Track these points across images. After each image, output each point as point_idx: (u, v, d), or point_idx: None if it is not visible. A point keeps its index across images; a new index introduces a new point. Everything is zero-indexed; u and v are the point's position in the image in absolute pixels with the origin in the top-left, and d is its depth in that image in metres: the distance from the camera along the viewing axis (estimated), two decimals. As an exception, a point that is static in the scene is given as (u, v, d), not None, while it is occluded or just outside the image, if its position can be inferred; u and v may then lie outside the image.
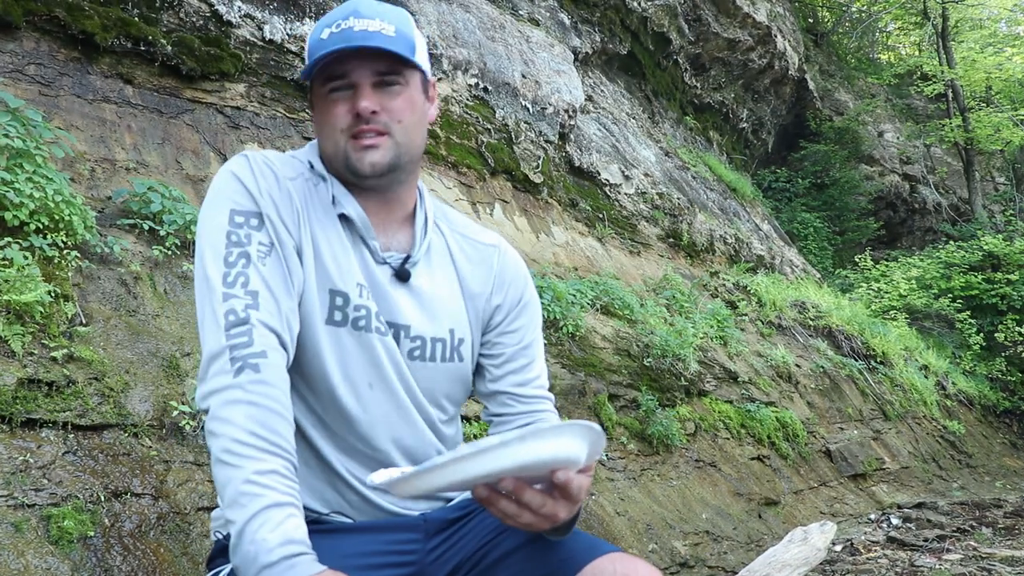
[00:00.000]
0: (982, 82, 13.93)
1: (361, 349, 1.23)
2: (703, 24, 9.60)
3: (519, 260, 1.44)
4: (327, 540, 1.20)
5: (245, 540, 0.99)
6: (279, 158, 1.27)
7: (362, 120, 1.20)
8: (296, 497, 1.05)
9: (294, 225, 1.21)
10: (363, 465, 1.26)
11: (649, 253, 7.00)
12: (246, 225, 1.18)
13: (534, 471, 0.98)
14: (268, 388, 1.08)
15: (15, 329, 2.13)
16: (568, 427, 0.95)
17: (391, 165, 1.23)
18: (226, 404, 1.07)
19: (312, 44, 1.24)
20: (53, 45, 3.18)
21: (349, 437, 1.25)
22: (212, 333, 1.12)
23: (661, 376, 4.69)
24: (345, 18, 1.21)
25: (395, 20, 1.23)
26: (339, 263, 1.23)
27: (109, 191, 3.05)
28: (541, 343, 1.43)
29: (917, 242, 14.62)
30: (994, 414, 9.81)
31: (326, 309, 1.21)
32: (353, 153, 1.21)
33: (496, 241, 1.42)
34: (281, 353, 1.13)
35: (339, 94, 1.22)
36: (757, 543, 4.17)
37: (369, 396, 1.24)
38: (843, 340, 7.90)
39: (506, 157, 5.48)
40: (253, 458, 1.03)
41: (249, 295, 1.13)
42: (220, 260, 1.15)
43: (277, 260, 1.18)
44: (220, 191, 1.21)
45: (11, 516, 1.79)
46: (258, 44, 3.89)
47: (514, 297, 1.39)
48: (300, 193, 1.24)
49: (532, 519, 1.02)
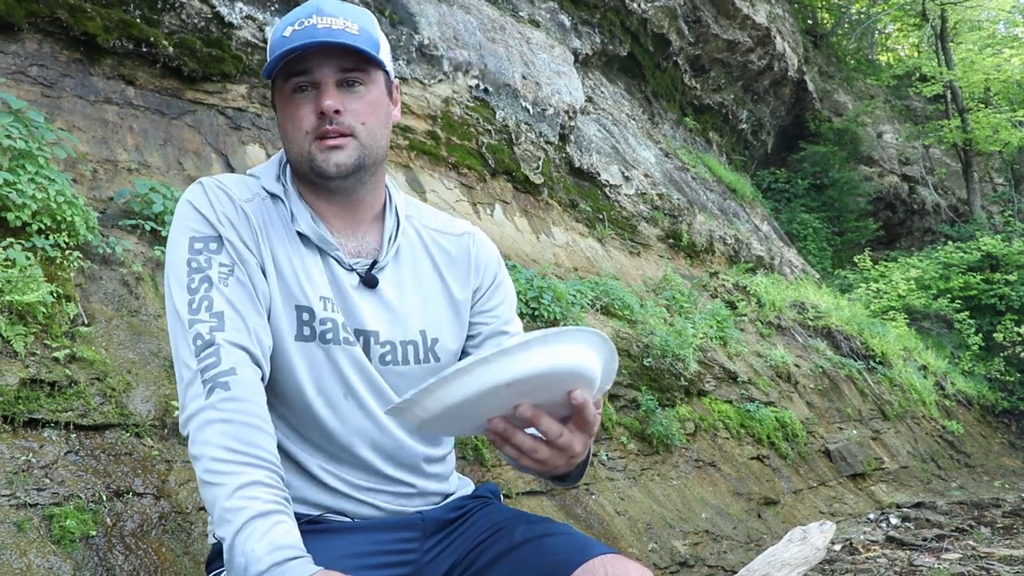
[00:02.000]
0: (981, 83, 13.94)
1: (330, 362, 1.23)
2: (703, 25, 9.61)
3: (490, 243, 1.44)
4: (325, 540, 1.21)
5: (235, 554, 1.00)
6: (233, 181, 1.27)
7: (326, 120, 1.19)
8: (283, 503, 1.05)
9: (254, 244, 1.22)
10: (350, 471, 1.27)
11: (649, 254, 7.01)
12: (205, 250, 1.18)
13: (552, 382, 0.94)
14: (239, 404, 1.09)
15: (17, 329, 2.13)
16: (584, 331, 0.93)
17: (356, 166, 1.22)
18: (202, 426, 1.07)
19: (274, 41, 1.22)
20: (55, 46, 3.19)
21: (331, 447, 1.26)
22: (184, 360, 1.13)
23: (661, 376, 4.70)
24: (308, 16, 1.19)
25: (359, 19, 1.22)
26: (301, 278, 1.23)
27: (111, 192, 3.05)
28: (519, 324, 1.43)
29: (916, 243, 14.63)
30: (993, 414, 9.83)
31: (295, 325, 1.22)
32: (318, 154, 1.21)
33: (468, 228, 1.42)
34: (252, 368, 1.13)
35: (302, 95, 1.21)
36: (756, 543, 4.18)
37: (344, 407, 1.24)
38: (842, 340, 7.91)
39: (506, 158, 5.48)
40: (233, 473, 1.04)
41: (214, 317, 1.14)
42: (184, 289, 1.16)
43: (240, 279, 1.18)
44: (179, 221, 1.22)
45: (13, 516, 1.80)
46: (259, 45, 3.90)
47: (489, 279, 1.39)
48: (257, 213, 1.24)
49: (548, 453, 1.01)
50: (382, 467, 1.28)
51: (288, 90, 1.22)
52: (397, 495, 1.30)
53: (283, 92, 1.23)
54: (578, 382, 0.96)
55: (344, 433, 1.25)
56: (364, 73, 1.22)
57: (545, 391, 0.95)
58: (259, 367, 1.15)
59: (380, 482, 1.29)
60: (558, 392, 0.96)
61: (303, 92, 1.21)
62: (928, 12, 14.45)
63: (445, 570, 1.25)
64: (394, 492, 1.29)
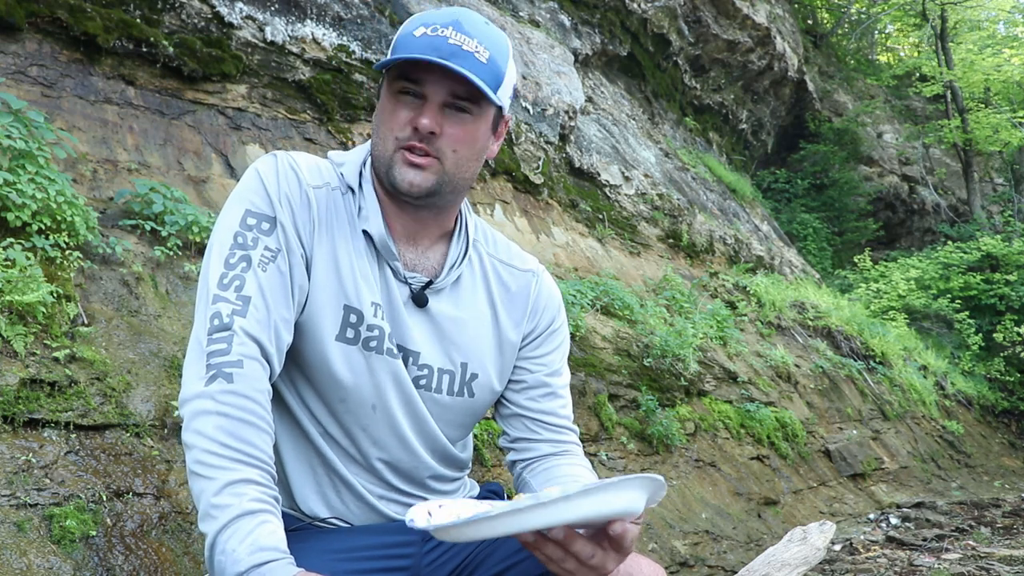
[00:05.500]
0: (980, 83, 13.93)
1: (369, 371, 1.20)
2: (703, 25, 9.61)
3: (554, 287, 1.39)
4: (320, 538, 1.21)
5: (216, 552, 0.98)
6: (308, 163, 1.23)
7: (418, 136, 1.15)
8: (271, 503, 1.03)
9: (307, 235, 1.18)
10: (363, 474, 1.26)
11: (649, 254, 7.01)
12: (256, 228, 1.15)
13: (592, 522, 0.94)
14: (239, 399, 1.05)
15: (18, 329, 2.13)
16: (634, 481, 0.91)
17: (431, 191, 1.17)
18: (196, 415, 1.04)
19: (401, 37, 1.16)
20: (55, 47, 3.19)
21: (351, 449, 1.24)
22: (197, 335, 1.10)
23: (661, 376, 4.70)
24: (446, 25, 1.13)
25: (492, 46, 1.15)
26: (357, 279, 1.19)
27: (111, 192, 3.06)
28: (568, 373, 1.39)
29: (916, 243, 14.63)
30: (993, 414, 9.83)
31: (338, 325, 1.18)
32: (398, 166, 1.16)
33: (534, 267, 1.37)
34: (260, 363, 1.10)
35: (407, 99, 1.16)
36: (756, 543, 4.18)
37: (371, 418, 1.22)
38: (842, 340, 7.91)
39: (506, 158, 5.49)
40: (224, 468, 1.01)
41: (240, 300, 1.10)
42: (222, 261, 1.12)
43: (280, 268, 1.14)
44: (241, 188, 1.18)
45: (13, 516, 1.80)
46: (259, 45, 3.90)
47: (545, 323, 1.35)
48: (322, 203, 1.20)
49: (576, 567, 0.97)
50: (392, 479, 1.27)
51: (395, 89, 1.16)
52: (405, 506, 1.28)
53: (390, 88, 1.18)
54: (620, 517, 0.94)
55: (366, 440, 1.23)
56: (475, 104, 1.16)
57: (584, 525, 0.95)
58: (269, 362, 1.12)
59: (389, 491, 1.28)
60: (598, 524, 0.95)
61: (408, 96, 1.16)
62: (928, 12, 14.45)
63: (446, 573, 1.25)
64: (402, 503, 1.28)
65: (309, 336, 1.18)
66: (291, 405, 1.23)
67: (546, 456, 1.32)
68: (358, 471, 1.25)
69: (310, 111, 4.17)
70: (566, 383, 1.38)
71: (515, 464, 1.35)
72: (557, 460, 1.30)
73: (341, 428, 1.23)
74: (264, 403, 1.09)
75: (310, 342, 1.18)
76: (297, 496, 1.24)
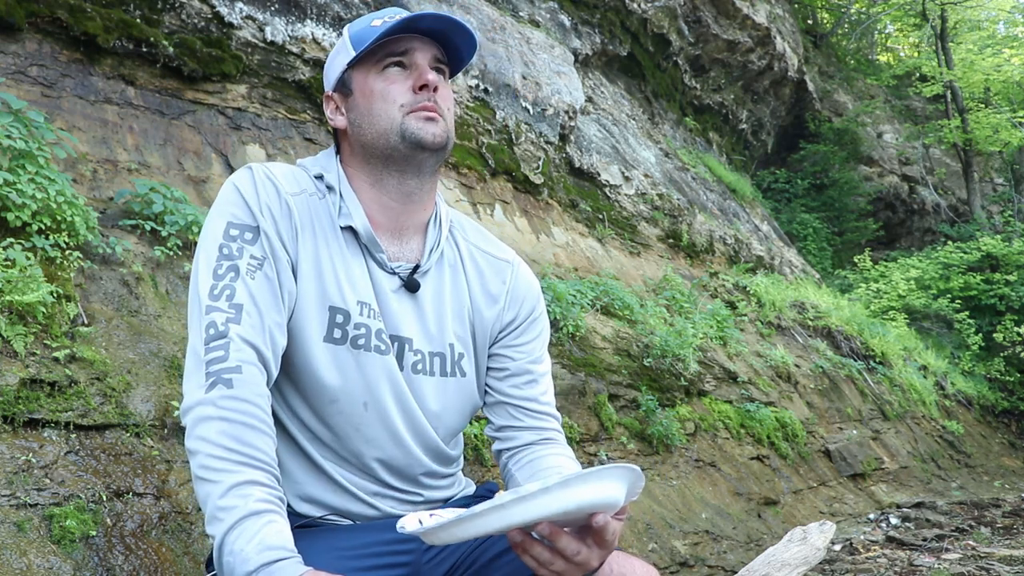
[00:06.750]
0: (980, 83, 13.93)
1: (359, 368, 1.22)
2: (703, 25, 9.61)
3: (532, 278, 1.43)
4: (324, 536, 1.22)
5: (224, 553, 0.99)
6: (283, 172, 1.25)
7: (425, 95, 1.21)
8: (276, 503, 1.04)
9: (291, 240, 1.20)
10: (356, 474, 1.27)
11: (649, 254, 7.01)
12: (240, 238, 1.17)
13: (574, 516, 0.97)
14: (240, 403, 1.07)
15: (17, 329, 2.13)
16: (611, 470, 0.94)
17: (444, 144, 1.24)
18: (199, 421, 1.06)
19: (361, 31, 1.24)
20: (55, 47, 3.19)
21: (342, 451, 1.25)
22: (194, 345, 1.12)
23: (661, 376, 4.70)
24: (394, 13, 1.23)
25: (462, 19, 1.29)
26: (341, 280, 1.22)
27: (111, 192, 3.06)
28: (548, 361, 1.42)
29: (916, 243, 14.63)
30: (993, 414, 9.82)
31: (324, 326, 1.20)
32: (414, 123, 1.21)
33: (511, 258, 1.41)
34: (258, 368, 1.12)
35: (395, 71, 1.23)
36: (756, 543, 4.18)
37: (362, 416, 1.23)
38: (842, 340, 7.91)
39: (506, 158, 5.49)
40: (229, 471, 1.03)
41: (233, 308, 1.12)
42: (210, 273, 1.15)
43: (268, 275, 1.17)
44: (221, 203, 1.21)
45: (13, 516, 1.80)
46: (259, 46, 3.90)
47: (526, 312, 1.38)
48: (302, 209, 1.23)
49: (564, 566, 1.01)
50: (386, 477, 1.28)
51: (380, 68, 1.23)
52: (401, 501, 1.30)
53: (369, 73, 1.23)
54: (601, 510, 0.97)
55: (357, 439, 1.24)
56: (449, 69, 1.28)
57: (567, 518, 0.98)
58: (266, 367, 1.14)
59: (383, 488, 1.29)
60: (580, 516, 0.98)
61: (396, 68, 1.23)
62: (928, 12, 14.45)
63: (445, 570, 1.26)
64: (398, 498, 1.30)
65: (295, 340, 1.20)
66: (277, 411, 1.24)
67: (529, 445, 1.34)
68: (349, 472, 1.26)
69: (310, 111, 4.17)
70: (547, 370, 1.41)
71: (501, 454, 1.38)
72: (540, 450, 1.33)
73: (331, 431, 1.24)
74: (264, 406, 1.11)
75: (297, 346, 1.20)
76: (291, 499, 1.26)
